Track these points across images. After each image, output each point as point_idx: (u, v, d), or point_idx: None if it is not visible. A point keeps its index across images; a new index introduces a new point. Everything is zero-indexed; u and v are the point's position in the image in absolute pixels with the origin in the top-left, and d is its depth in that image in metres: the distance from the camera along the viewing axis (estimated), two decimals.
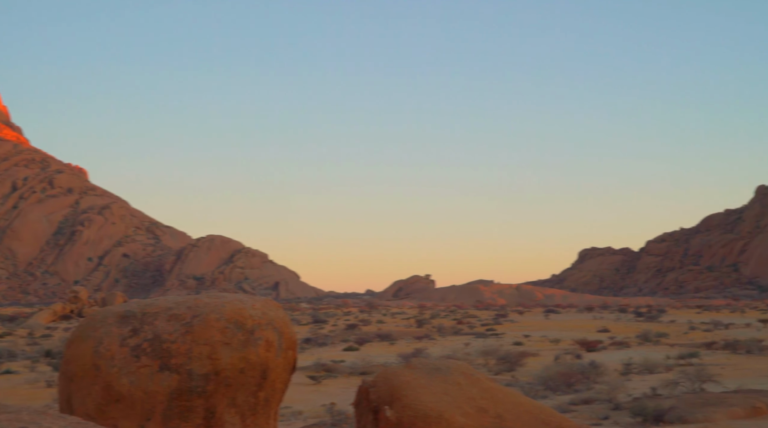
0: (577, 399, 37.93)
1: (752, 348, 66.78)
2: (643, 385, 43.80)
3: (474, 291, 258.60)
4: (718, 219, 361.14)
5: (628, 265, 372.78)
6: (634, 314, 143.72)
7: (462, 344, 76.30)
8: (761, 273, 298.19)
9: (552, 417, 13.55)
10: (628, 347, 72.63)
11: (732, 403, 34.69)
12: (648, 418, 31.72)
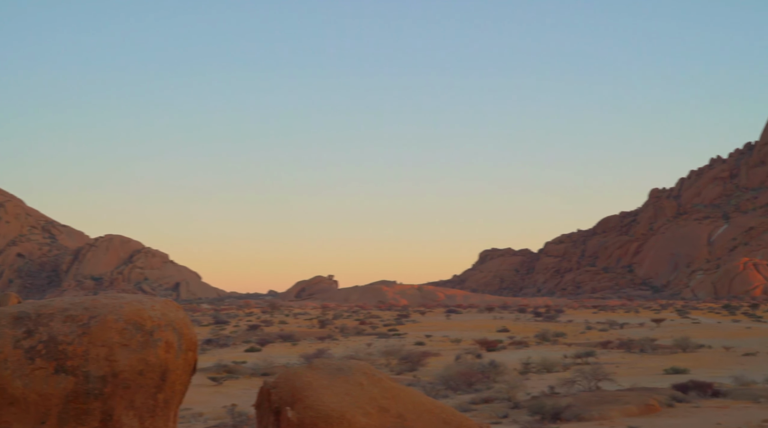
0: (477, 398, 38.41)
1: (646, 347, 68.74)
2: (542, 384, 44.63)
3: (377, 292, 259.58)
4: (613, 222, 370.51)
5: (528, 266, 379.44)
6: (533, 314, 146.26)
7: (364, 344, 76.52)
8: (654, 274, 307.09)
9: (453, 416, 13.68)
10: (527, 346, 73.93)
11: (626, 401, 35.63)
12: (546, 416, 32.31)
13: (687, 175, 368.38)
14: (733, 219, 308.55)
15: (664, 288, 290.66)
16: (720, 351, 68.01)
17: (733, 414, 34.17)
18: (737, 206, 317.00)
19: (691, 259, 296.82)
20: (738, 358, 61.60)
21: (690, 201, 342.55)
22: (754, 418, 32.54)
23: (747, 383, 43.57)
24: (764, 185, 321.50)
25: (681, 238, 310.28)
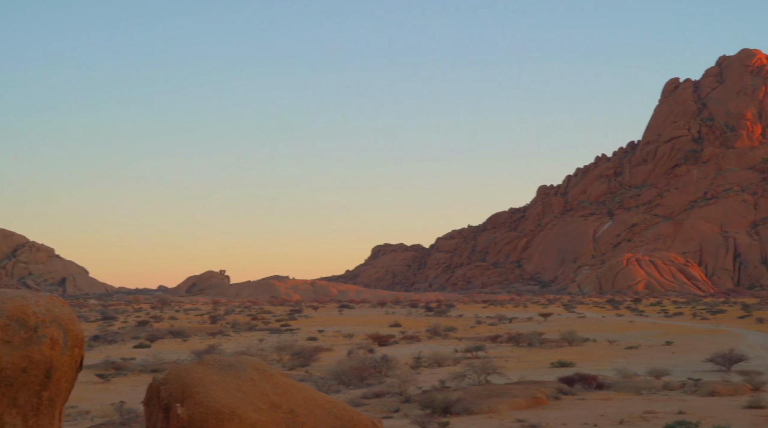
0: (369, 393, 38.57)
1: (533, 341, 70.22)
2: (433, 378, 45.12)
3: (269, 287, 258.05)
4: (503, 218, 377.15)
5: (420, 261, 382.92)
6: (424, 309, 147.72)
7: (256, 340, 76.01)
8: (542, 269, 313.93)
9: (344, 411, 13.72)
10: (419, 341, 74.65)
11: (515, 394, 36.34)
12: (437, 410, 32.66)
13: (574, 172, 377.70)
14: (617, 216, 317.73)
15: (552, 283, 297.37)
16: (604, 344, 69.98)
17: (616, 405, 35.22)
18: (621, 203, 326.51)
19: (577, 255, 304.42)
20: (621, 351, 63.49)
21: (576, 198, 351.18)
22: (636, 409, 33.61)
23: (629, 375, 44.94)
24: (647, 183, 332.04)
25: (568, 234, 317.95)
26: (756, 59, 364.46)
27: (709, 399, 36.91)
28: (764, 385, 40.54)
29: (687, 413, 32.12)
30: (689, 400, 36.69)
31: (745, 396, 37.61)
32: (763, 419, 31.06)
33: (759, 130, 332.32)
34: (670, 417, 30.68)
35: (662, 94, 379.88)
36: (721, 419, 30.25)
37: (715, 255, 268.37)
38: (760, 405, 34.11)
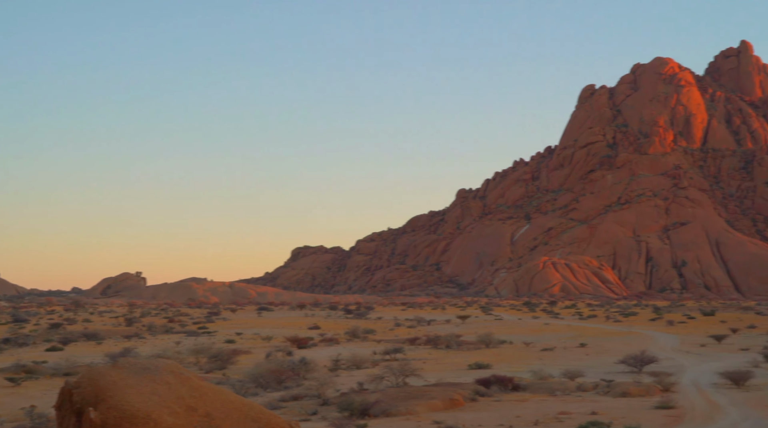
0: (287, 396, 38.41)
1: (451, 343, 70.76)
2: (351, 380, 45.13)
3: (187, 289, 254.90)
4: (422, 221, 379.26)
5: (339, 264, 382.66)
6: (343, 311, 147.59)
7: (173, 342, 75.02)
8: (461, 272, 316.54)
9: (261, 414, 13.67)
10: (338, 343, 74.59)
11: (432, 396, 36.57)
12: (354, 412, 32.68)
13: (492, 176, 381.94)
14: (534, 220, 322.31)
15: (470, 285, 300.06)
16: (520, 346, 70.90)
17: (532, 406, 35.72)
18: (538, 207, 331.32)
19: (495, 258, 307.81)
20: (537, 353, 64.40)
21: (495, 201, 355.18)
22: (551, 410, 34.15)
23: (544, 377, 45.61)
24: (563, 187, 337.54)
25: (486, 237, 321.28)
26: (668, 68, 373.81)
27: (621, 400, 37.70)
28: (674, 386, 41.58)
29: (600, 413, 32.76)
30: (602, 401, 37.41)
31: (655, 396, 38.52)
32: (672, 419, 31.86)
33: (671, 136, 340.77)
34: (583, 418, 31.24)
35: (578, 100, 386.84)
36: (633, 419, 30.93)
37: (628, 259, 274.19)
38: (670, 405, 34.99)
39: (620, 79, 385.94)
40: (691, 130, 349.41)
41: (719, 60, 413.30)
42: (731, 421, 31.23)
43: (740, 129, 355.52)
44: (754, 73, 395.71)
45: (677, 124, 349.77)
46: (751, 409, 34.23)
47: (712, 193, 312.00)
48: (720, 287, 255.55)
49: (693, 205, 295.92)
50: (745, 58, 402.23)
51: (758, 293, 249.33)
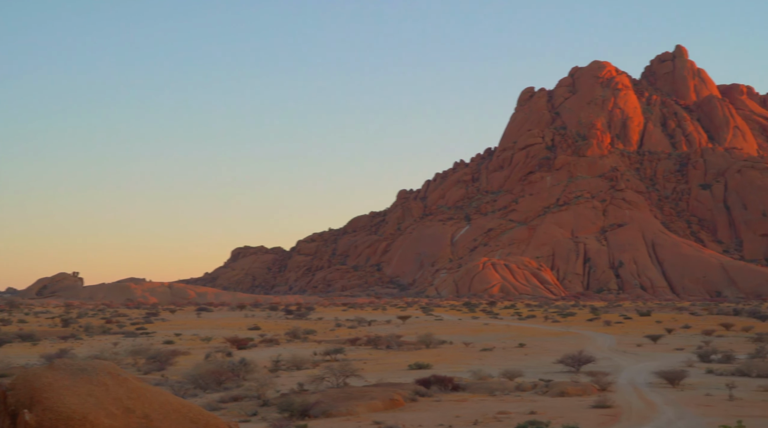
0: (226, 397, 38.15)
1: (392, 343, 70.91)
2: (291, 381, 44.98)
3: (125, 290, 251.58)
4: (363, 221, 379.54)
5: (280, 264, 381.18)
6: (284, 312, 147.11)
7: (111, 344, 74.01)
8: (401, 272, 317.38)
9: (200, 415, 13.56)
10: (278, 344, 74.29)
11: (373, 396, 36.60)
12: (294, 413, 32.58)
13: (433, 177, 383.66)
14: (474, 221, 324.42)
15: (411, 286, 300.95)
16: (460, 346, 71.32)
17: (471, 406, 35.94)
18: (478, 208, 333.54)
19: (435, 258, 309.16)
20: (476, 353, 64.84)
21: (435, 202, 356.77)
22: (490, 410, 34.39)
23: (484, 377, 45.92)
24: (503, 189, 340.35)
25: (426, 238, 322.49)
26: (606, 71, 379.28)
27: (559, 400, 38.13)
28: (611, 385, 42.18)
29: (538, 413, 33.09)
30: (540, 400, 37.79)
31: (592, 396, 39.03)
32: (609, 418, 32.31)
33: (608, 139, 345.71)
34: (522, 418, 31.53)
35: (518, 102, 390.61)
36: (570, 419, 31.31)
37: (566, 260, 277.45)
38: (607, 404, 35.49)
39: (559, 81, 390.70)
40: (628, 133, 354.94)
41: (655, 64, 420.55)
42: (666, 420, 31.77)
43: (675, 132, 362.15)
44: (689, 77, 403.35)
45: (614, 127, 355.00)
46: (685, 408, 34.86)
47: (648, 195, 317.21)
48: (656, 288, 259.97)
49: (630, 207, 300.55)
50: (680, 62, 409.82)
51: (692, 294, 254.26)
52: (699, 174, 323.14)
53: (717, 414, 32.99)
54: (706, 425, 30.18)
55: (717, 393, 39.93)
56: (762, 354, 59.08)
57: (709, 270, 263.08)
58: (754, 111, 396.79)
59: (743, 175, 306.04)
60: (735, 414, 32.27)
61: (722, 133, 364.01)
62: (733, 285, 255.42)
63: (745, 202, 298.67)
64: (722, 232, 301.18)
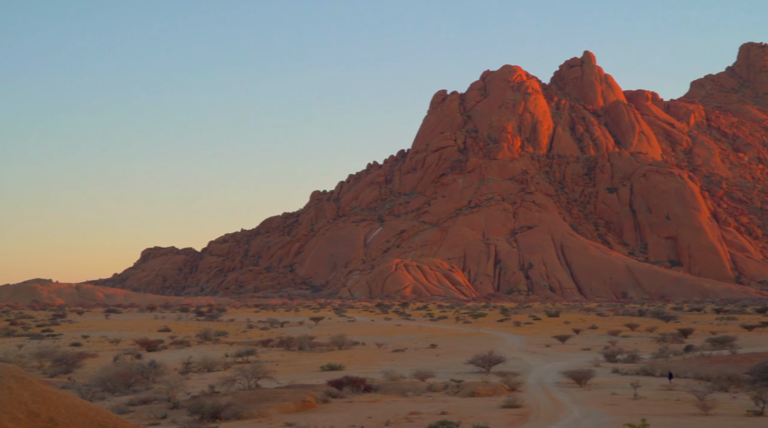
0: (135, 400, 37.56)
1: (304, 344, 70.76)
2: (202, 383, 44.53)
3: (30, 291, 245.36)
4: (276, 222, 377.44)
5: (191, 265, 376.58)
6: (195, 313, 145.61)
7: (15, 346, 72.16)
8: (314, 273, 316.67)
9: (108, 419, 13.34)
10: (189, 346, 73.44)
11: (284, 398, 36.49)
12: (205, 416, 32.25)
13: (346, 178, 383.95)
14: (387, 222, 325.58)
15: (324, 287, 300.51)
16: (373, 347, 71.56)
17: (383, 407, 36.10)
18: (391, 210, 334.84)
19: (348, 260, 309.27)
20: (389, 354, 65.14)
21: (349, 204, 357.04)
22: (402, 411, 34.60)
23: (396, 377, 46.16)
24: (415, 191, 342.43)
25: (340, 239, 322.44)
26: (516, 75, 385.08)
27: (470, 400, 38.56)
28: (520, 385, 42.84)
29: (449, 413, 33.42)
30: (452, 401, 38.17)
31: (502, 395, 39.61)
32: (518, 418, 32.81)
33: (519, 142, 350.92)
34: (433, 418, 31.80)
35: (431, 105, 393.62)
36: (481, 418, 31.70)
37: (477, 261, 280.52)
38: (516, 404, 36.05)
39: (470, 85, 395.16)
40: (538, 137, 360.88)
41: (564, 69, 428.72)
42: (573, 419, 32.41)
43: (583, 136, 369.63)
44: (596, 82, 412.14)
45: (525, 131, 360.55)
46: (592, 407, 35.62)
47: (557, 198, 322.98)
48: (564, 289, 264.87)
49: (539, 210, 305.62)
50: (588, 68, 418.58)
51: (599, 295, 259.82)
52: (606, 177, 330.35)
53: (622, 412, 33.80)
54: (612, 423, 30.89)
55: (622, 392, 40.92)
56: (665, 354, 60.79)
57: (616, 272, 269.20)
58: (658, 116, 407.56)
59: (648, 179, 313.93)
60: (639, 413, 33.11)
61: (628, 137, 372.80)
62: (638, 286, 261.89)
63: (650, 206, 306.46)
64: (628, 235, 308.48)
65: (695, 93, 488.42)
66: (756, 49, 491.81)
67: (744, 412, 34.33)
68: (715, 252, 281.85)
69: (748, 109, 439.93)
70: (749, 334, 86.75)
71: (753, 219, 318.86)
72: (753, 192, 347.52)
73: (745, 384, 43.06)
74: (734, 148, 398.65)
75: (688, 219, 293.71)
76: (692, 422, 31.53)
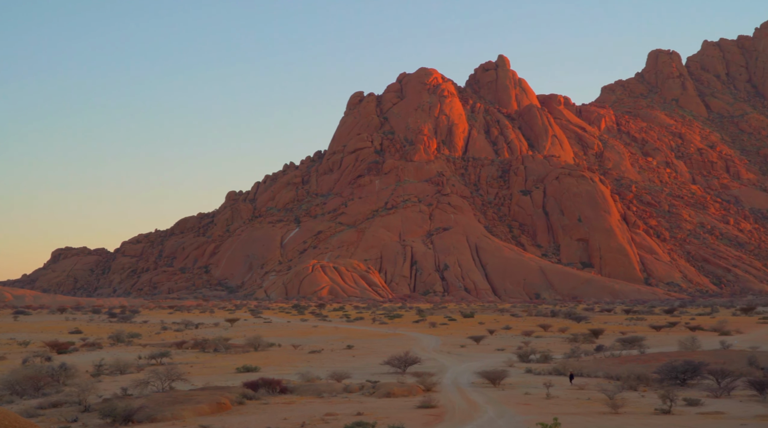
0: (45, 403, 36.83)
1: (220, 346, 70.16)
2: (115, 386, 43.83)
3: None
4: (191, 223, 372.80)
5: (104, 266, 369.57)
6: (107, 315, 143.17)
7: None
8: (230, 274, 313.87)
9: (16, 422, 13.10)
10: (101, 348, 72.16)
11: (199, 400, 36.17)
12: (118, 419, 31.78)
13: (263, 179, 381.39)
14: (304, 224, 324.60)
15: (239, 288, 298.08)
16: (289, 349, 71.35)
17: (299, 409, 36.07)
18: (308, 211, 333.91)
19: (264, 261, 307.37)
20: (305, 355, 65.04)
21: (265, 204, 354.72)
22: (318, 412, 34.63)
23: (312, 379, 46.17)
24: (332, 192, 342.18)
25: (256, 240, 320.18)
26: (432, 78, 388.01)
27: (385, 400, 38.78)
28: (435, 386, 43.23)
29: (365, 414, 33.56)
30: (367, 402, 38.33)
31: (418, 396, 39.92)
32: (433, 418, 33.13)
33: (434, 145, 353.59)
34: (349, 419, 31.91)
35: (347, 106, 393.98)
36: (396, 419, 31.92)
37: (394, 263, 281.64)
38: (431, 404, 36.38)
39: (387, 87, 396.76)
40: (454, 139, 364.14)
41: (479, 73, 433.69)
42: (488, 418, 32.87)
43: (498, 139, 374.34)
44: (510, 86, 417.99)
45: (440, 133, 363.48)
46: (506, 407, 36.17)
47: (472, 200, 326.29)
48: (479, 290, 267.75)
49: (455, 211, 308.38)
50: (502, 72, 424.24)
51: (513, 296, 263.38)
52: (520, 180, 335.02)
53: (535, 412, 34.41)
54: (525, 423, 31.43)
55: (535, 392, 41.64)
56: (577, 354, 62.02)
57: (529, 273, 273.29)
58: (570, 120, 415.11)
59: (561, 182, 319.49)
60: (552, 412, 33.74)
61: (541, 141, 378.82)
62: (551, 287, 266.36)
63: (563, 208, 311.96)
64: (541, 237, 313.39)
65: (606, 98, 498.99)
66: (664, 56, 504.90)
67: (652, 410, 35.30)
68: (625, 254, 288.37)
69: (656, 115, 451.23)
70: (657, 334, 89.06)
71: (661, 222, 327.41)
72: (661, 195, 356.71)
73: (653, 383, 44.27)
74: (643, 153, 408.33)
75: (599, 222, 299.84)
76: (602, 420, 32.28)
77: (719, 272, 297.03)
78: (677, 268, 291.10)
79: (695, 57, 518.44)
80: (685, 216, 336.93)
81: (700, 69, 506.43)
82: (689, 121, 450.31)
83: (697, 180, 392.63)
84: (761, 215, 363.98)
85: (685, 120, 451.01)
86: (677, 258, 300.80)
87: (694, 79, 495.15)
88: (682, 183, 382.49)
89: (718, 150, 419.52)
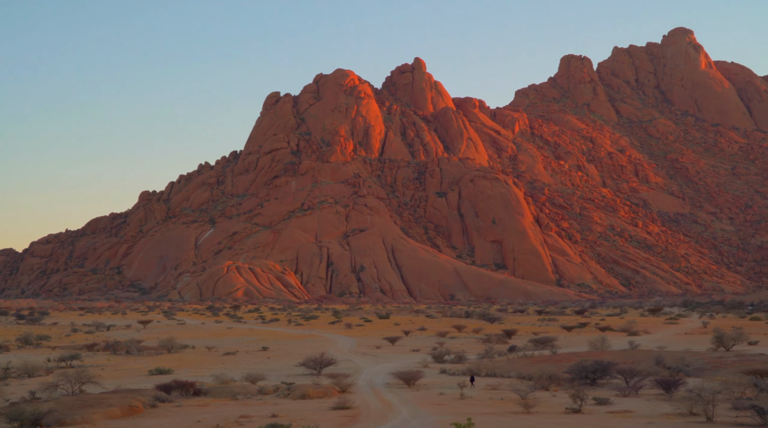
0: None
1: (132, 348, 69.11)
2: (22, 389, 42.84)
3: None
4: (103, 223, 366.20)
5: (11, 266, 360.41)
6: (15, 316, 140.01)
7: None
8: (143, 276, 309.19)
9: None
10: (8, 351, 70.45)
11: (110, 403, 35.58)
12: (25, 423, 31.12)
13: (177, 179, 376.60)
14: (219, 224, 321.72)
15: (153, 289, 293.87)
16: (203, 351, 70.69)
17: (213, 411, 35.80)
18: (223, 212, 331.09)
19: (178, 262, 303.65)
20: (219, 357, 64.51)
21: (179, 205, 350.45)
22: (232, 414, 34.42)
23: (226, 381, 45.85)
24: (248, 192, 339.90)
25: (170, 241, 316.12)
26: (349, 80, 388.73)
27: (301, 402, 38.76)
28: (351, 387, 43.36)
29: (280, 416, 33.49)
30: (282, 403, 38.25)
31: (333, 397, 40.00)
32: (348, 419, 33.23)
33: (351, 146, 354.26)
34: (263, 421, 31.80)
35: (264, 106, 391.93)
36: (311, 420, 31.94)
37: (310, 264, 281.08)
38: (347, 406, 36.49)
39: (304, 88, 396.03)
40: (370, 141, 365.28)
41: (395, 75, 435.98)
42: (402, 419, 33.10)
43: (414, 141, 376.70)
44: (426, 89, 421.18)
45: (357, 135, 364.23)
46: (420, 407, 36.47)
47: (388, 202, 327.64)
48: (395, 291, 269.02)
49: (371, 213, 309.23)
50: (418, 74, 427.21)
51: (429, 297, 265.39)
52: (435, 182, 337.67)
53: (449, 412, 34.78)
54: (439, 423, 31.75)
55: (450, 392, 42.08)
56: (490, 355, 62.83)
57: (444, 275, 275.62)
58: (485, 124, 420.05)
59: (475, 184, 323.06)
60: (465, 412, 34.15)
61: (457, 143, 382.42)
62: (465, 288, 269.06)
63: (477, 210, 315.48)
64: (456, 238, 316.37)
65: (520, 102, 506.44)
66: (576, 61, 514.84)
67: (563, 410, 35.99)
68: (538, 256, 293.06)
69: (568, 119, 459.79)
70: (568, 335, 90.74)
71: (573, 224, 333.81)
72: (573, 198, 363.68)
73: (564, 383, 45.14)
74: (555, 156, 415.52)
75: (513, 224, 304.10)
76: (515, 420, 32.80)
77: (628, 273, 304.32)
78: (588, 270, 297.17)
79: (606, 63, 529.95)
80: (596, 219, 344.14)
81: (611, 74, 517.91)
82: (600, 126, 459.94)
83: (608, 183, 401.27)
84: (668, 218, 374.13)
85: (596, 124, 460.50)
86: (588, 260, 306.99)
87: (604, 85, 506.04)
88: (593, 186, 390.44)
89: (628, 154, 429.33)
